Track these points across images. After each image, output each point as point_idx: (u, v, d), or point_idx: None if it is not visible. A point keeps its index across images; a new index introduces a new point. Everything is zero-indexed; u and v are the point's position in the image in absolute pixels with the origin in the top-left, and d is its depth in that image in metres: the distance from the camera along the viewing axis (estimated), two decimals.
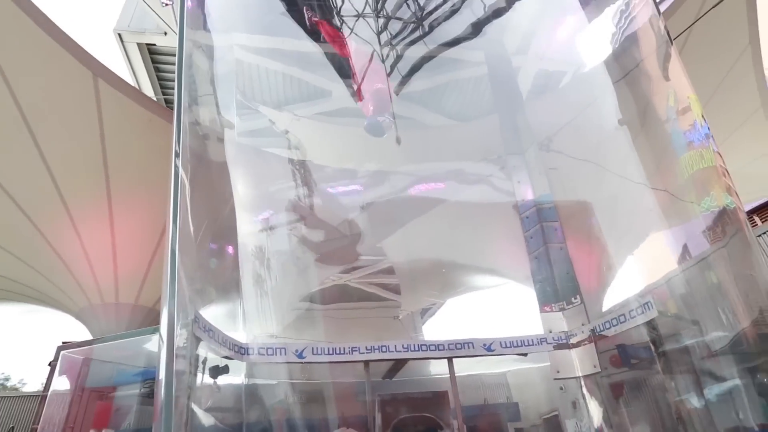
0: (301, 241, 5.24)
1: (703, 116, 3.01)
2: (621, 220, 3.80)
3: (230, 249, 4.05)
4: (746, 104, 8.30)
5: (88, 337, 9.12)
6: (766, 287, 2.75)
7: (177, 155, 2.56)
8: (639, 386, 3.93)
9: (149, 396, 5.05)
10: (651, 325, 3.32)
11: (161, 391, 2.48)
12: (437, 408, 4.43)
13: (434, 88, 5.59)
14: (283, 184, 5.15)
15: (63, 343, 5.98)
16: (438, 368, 4.97)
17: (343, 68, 4.84)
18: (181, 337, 2.64)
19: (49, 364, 6.51)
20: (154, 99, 10.41)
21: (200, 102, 3.64)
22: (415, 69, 4.93)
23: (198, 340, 3.11)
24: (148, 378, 5.43)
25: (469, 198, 5.28)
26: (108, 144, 7.02)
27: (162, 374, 2.48)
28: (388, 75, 4.63)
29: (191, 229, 2.72)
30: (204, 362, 3.40)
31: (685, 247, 3.21)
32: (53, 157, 7.09)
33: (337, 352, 4.14)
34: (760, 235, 5.30)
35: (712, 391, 3.11)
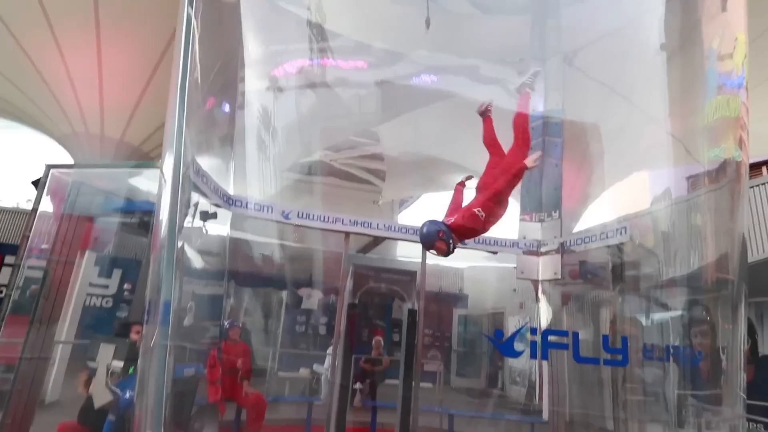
0: (306, 109, 5.11)
1: (743, 64, 2.89)
2: (623, 149, 3.85)
3: (232, 102, 3.96)
4: None
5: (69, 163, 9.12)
6: (738, 242, 2.95)
7: (190, 2, 2.35)
8: (586, 299, 4.40)
9: (138, 227, 5.30)
10: (617, 249, 3.62)
11: (163, 229, 2.63)
12: (403, 285, 4.88)
13: None
14: (296, 45, 4.82)
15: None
16: (407, 252, 5.35)
17: None
18: (181, 179, 2.72)
19: (34, 183, 6.60)
20: None
21: None
22: None
23: (192, 183, 3.21)
24: (131, 209, 5.65)
25: (478, 97, 5.14)
26: None
27: (165, 212, 2.61)
28: None
29: (198, 74, 2.63)
30: (196, 205, 3.55)
31: (674, 189, 3.33)
32: None
33: (322, 219, 4.37)
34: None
35: (650, 314, 3.52)
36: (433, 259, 5.06)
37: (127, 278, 10.35)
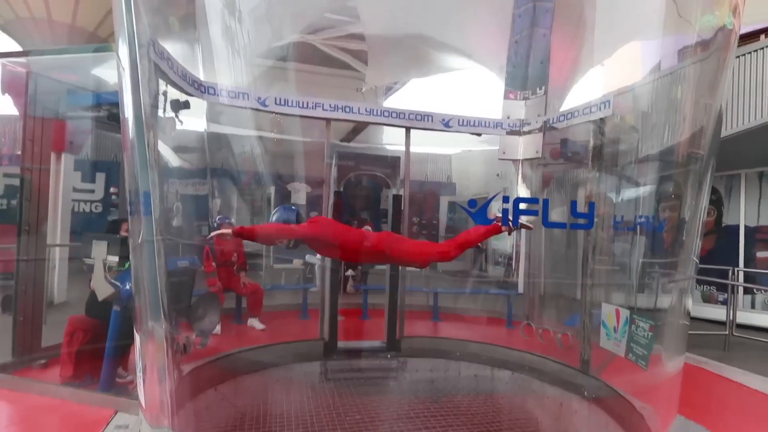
0: None
1: None
2: (617, 19, 3.59)
3: None
4: None
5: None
6: (714, 116, 2.93)
7: None
8: (565, 181, 4.49)
9: (108, 120, 5.07)
10: (599, 126, 3.59)
11: (130, 121, 2.50)
12: (388, 172, 4.89)
13: None
14: None
15: None
16: (394, 138, 5.28)
17: None
18: (140, 63, 2.52)
19: None
20: None
21: None
22: None
23: (156, 68, 2.99)
24: (102, 102, 5.35)
25: None
26: None
27: (129, 101, 2.45)
28: None
29: None
30: (165, 95, 3.35)
31: (664, 60, 3.21)
32: None
33: (301, 105, 4.20)
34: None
35: (623, 190, 3.64)
36: (418, 145, 5.02)
37: (112, 182, 10.24)
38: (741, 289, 7.24)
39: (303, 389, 4.04)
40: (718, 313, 7.09)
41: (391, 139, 5.30)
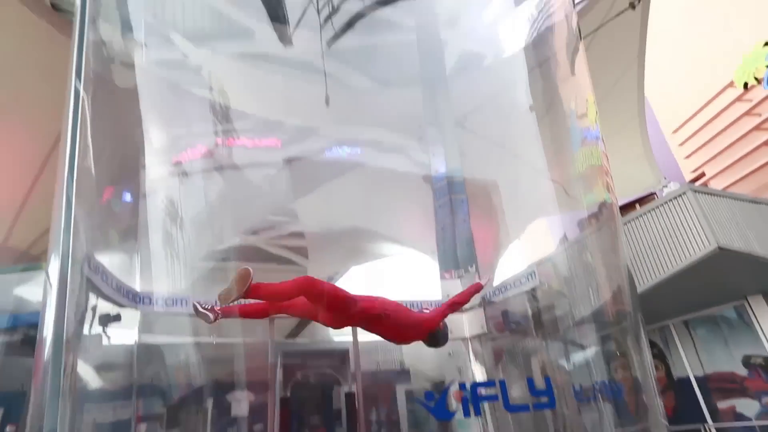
0: (216, 194, 4.94)
1: (596, 120, 3.47)
2: (519, 202, 4.22)
3: (134, 192, 3.72)
4: (626, 112, 9.54)
5: None
6: (625, 274, 3.29)
7: (78, 75, 2.27)
8: (517, 352, 4.48)
9: (20, 344, 4.53)
10: (532, 294, 3.81)
11: (48, 345, 2.26)
12: (337, 366, 4.62)
13: (364, 48, 5.53)
14: (200, 127, 4.76)
15: None
16: (338, 332, 5.13)
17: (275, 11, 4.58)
18: (70, 280, 2.43)
19: None
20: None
21: (104, 17, 3.22)
22: (348, 25, 4.85)
23: (89, 282, 2.87)
24: (15, 326, 4.87)
25: (385, 165, 5.39)
26: None
27: (50, 323, 2.26)
28: (322, 26, 4.48)
29: (91, 162, 2.46)
30: (94, 309, 3.15)
31: (567, 232, 3.71)
32: None
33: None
34: (637, 217, 6.25)
35: (573, 355, 3.68)
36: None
37: (11, 418, 8.55)
38: None
39: None
40: None
41: (336, 332, 5.16)
